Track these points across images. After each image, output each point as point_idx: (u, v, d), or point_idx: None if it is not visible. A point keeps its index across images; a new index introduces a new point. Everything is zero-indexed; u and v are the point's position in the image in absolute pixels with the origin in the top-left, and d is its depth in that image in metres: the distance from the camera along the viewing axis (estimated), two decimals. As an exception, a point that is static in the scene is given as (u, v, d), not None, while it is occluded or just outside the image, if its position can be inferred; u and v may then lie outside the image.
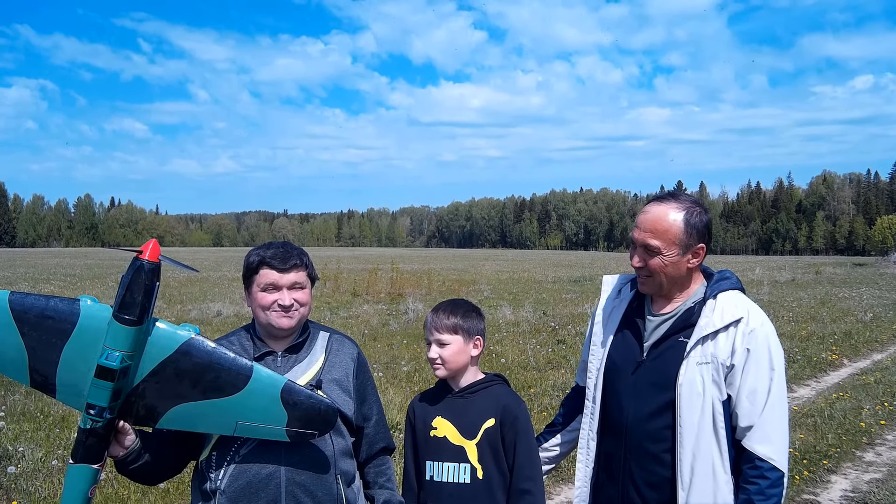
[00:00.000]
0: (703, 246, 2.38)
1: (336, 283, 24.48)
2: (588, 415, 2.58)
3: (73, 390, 2.07)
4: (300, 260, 2.37)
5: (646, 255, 2.37)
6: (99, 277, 31.23)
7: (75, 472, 2.12)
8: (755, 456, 2.29)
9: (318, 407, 2.17)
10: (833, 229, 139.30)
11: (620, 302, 2.58)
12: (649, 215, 2.37)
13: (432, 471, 2.55)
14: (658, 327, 2.44)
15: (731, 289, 2.41)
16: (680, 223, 2.34)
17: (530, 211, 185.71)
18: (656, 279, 2.39)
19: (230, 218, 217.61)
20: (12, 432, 6.75)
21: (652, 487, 2.39)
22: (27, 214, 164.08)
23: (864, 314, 17.96)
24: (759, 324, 2.34)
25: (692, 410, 2.31)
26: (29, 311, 2.01)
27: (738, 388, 2.31)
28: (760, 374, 2.30)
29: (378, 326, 15.09)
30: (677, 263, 2.36)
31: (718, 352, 2.31)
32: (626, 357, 2.47)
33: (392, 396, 8.02)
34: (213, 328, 13.95)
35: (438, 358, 2.57)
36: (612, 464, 2.48)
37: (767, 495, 2.27)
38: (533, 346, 12.20)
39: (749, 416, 2.30)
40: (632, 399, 2.43)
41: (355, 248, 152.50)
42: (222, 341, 2.42)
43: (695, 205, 2.39)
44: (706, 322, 2.34)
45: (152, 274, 1.98)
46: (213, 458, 2.27)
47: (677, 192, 2.45)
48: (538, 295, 23.88)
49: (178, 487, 5.30)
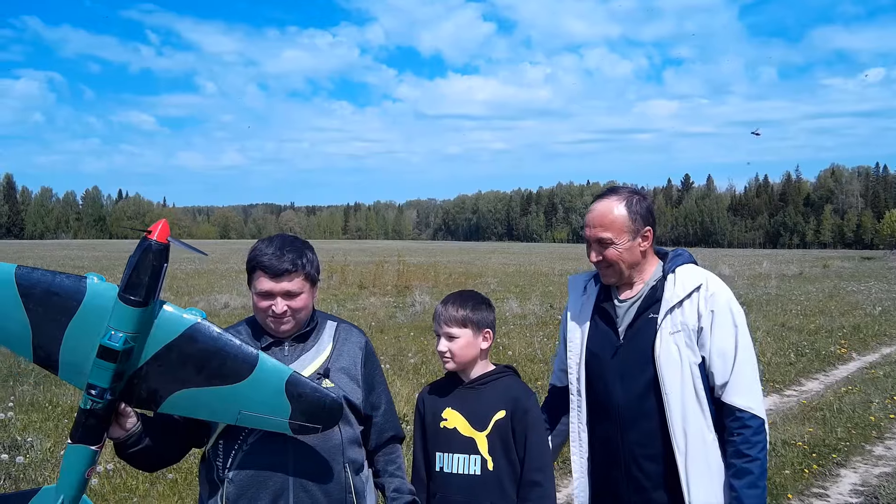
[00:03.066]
0: (650, 228, 2.55)
1: (343, 275, 24.52)
2: (575, 409, 2.69)
3: (75, 369, 2.05)
4: (294, 265, 2.25)
5: (601, 248, 2.54)
6: (107, 269, 31.33)
7: (73, 453, 2.10)
8: (735, 408, 2.43)
9: (323, 401, 2.14)
10: (841, 223, 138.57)
11: (588, 298, 2.71)
12: (596, 212, 2.55)
13: (442, 462, 2.53)
14: (628, 311, 2.59)
15: (685, 263, 2.58)
16: (624, 212, 2.52)
17: (537, 204, 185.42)
18: (616, 268, 2.55)
19: (237, 210, 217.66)
20: (21, 422, 6.78)
21: (652, 460, 2.50)
22: (35, 206, 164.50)
23: (872, 308, 17.90)
24: (718, 288, 2.51)
25: (673, 378, 2.45)
26: (35, 287, 1.99)
27: (709, 349, 2.46)
28: (726, 333, 2.46)
29: (385, 319, 15.13)
30: (631, 249, 2.53)
31: (686, 318, 2.47)
32: (604, 344, 2.60)
33: (399, 388, 8.03)
34: (221, 320, 13.98)
35: (448, 351, 2.56)
36: (609, 447, 2.57)
37: (753, 442, 2.40)
38: (540, 339, 12.20)
39: (723, 373, 2.45)
40: (618, 381, 2.54)
41: (362, 241, 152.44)
42: (229, 331, 2.40)
43: (633, 194, 2.58)
44: (670, 294, 2.51)
45: (160, 255, 1.94)
46: (220, 446, 2.26)
47: (616, 186, 2.66)
48: (545, 288, 23.86)
49: (187, 478, 5.32)
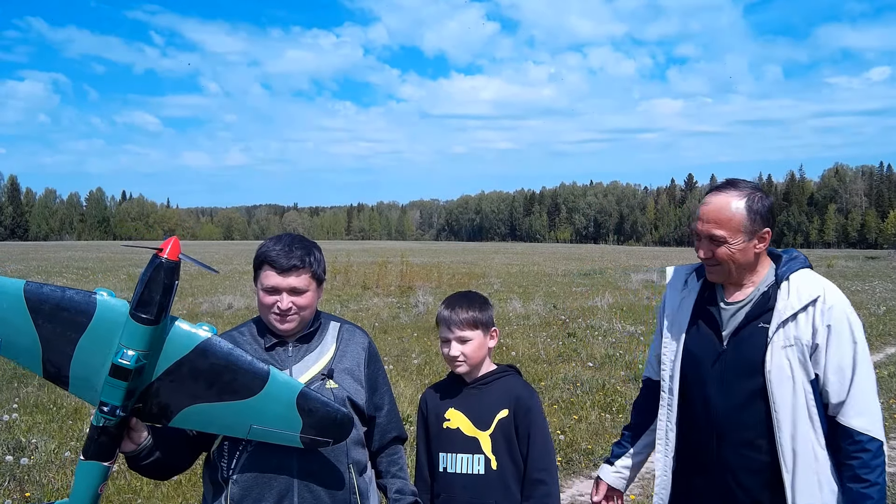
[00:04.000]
0: (769, 230, 2.37)
1: (346, 276, 24.53)
2: (665, 406, 2.56)
3: (85, 384, 2.05)
4: (302, 262, 2.27)
5: (712, 245, 2.36)
6: (111, 270, 31.40)
7: (86, 469, 2.10)
8: (853, 430, 2.28)
9: (333, 415, 2.15)
10: (845, 222, 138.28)
11: (689, 292, 2.55)
12: (711, 206, 2.35)
13: (445, 462, 2.54)
14: (734, 315, 2.42)
15: (801, 268, 2.39)
16: (742, 210, 2.32)
17: (540, 204, 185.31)
18: (724, 267, 2.38)
19: (240, 211, 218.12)
20: (25, 424, 6.80)
21: (752, 473, 2.37)
22: (39, 208, 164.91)
23: (876, 307, 17.83)
24: (837, 300, 2.33)
25: (784, 395, 2.30)
26: (44, 303, 1.98)
27: (824, 366, 2.30)
28: (844, 349, 2.29)
29: (388, 319, 15.12)
30: (744, 250, 2.35)
31: (801, 333, 2.31)
32: (705, 348, 2.45)
33: (403, 389, 8.03)
34: (225, 321, 14.00)
35: (461, 355, 2.54)
36: (701, 455, 2.45)
37: (872, 466, 2.27)
38: (543, 340, 12.19)
39: (839, 392, 2.29)
40: (718, 389, 2.40)
41: (365, 242, 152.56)
42: (233, 332, 2.42)
43: (755, 190, 2.37)
44: (784, 305, 2.33)
45: (172, 273, 1.94)
46: (224, 447, 2.26)
47: (736, 179, 2.41)
48: (548, 288, 23.85)
49: (191, 479, 5.32)
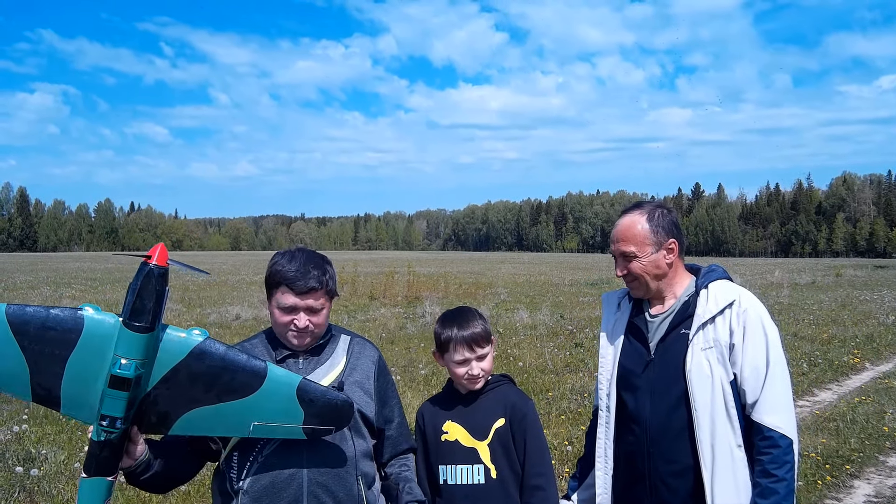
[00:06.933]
0: (675, 241, 2.57)
1: (353, 286, 24.55)
2: (603, 424, 2.68)
3: (78, 403, 2.03)
4: (319, 282, 2.31)
5: (625, 262, 2.58)
6: (119, 281, 31.52)
7: (89, 486, 2.07)
8: (764, 427, 2.40)
9: (333, 402, 2.18)
10: (853, 231, 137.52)
11: (622, 314, 2.72)
12: (620, 227, 2.60)
13: (446, 475, 2.56)
14: (660, 325, 2.59)
15: (719, 279, 2.58)
16: (646, 224, 2.55)
17: (546, 214, 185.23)
18: (642, 281, 2.57)
19: (248, 222, 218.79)
20: (35, 435, 6.84)
21: (677, 476, 2.48)
22: (48, 219, 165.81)
23: (885, 317, 17.74)
24: (751, 304, 2.49)
25: (703, 393, 2.43)
26: (29, 324, 1.95)
27: (741, 365, 2.44)
28: (758, 349, 2.44)
29: (395, 330, 15.12)
30: (655, 261, 2.55)
31: (719, 335, 2.46)
32: (636, 359, 2.60)
33: (410, 400, 8.03)
34: (232, 332, 14.05)
35: (482, 372, 2.58)
36: (635, 462, 2.56)
37: (781, 462, 2.36)
38: (550, 350, 12.17)
39: (753, 390, 2.42)
40: (647, 396, 2.54)
41: (372, 252, 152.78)
42: (244, 344, 2.44)
43: (657, 207, 2.61)
44: (703, 310, 2.50)
45: (162, 279, 1.96)
46: (234, 458, 2.28)
47: (642, 201, 2.70)
48: (555, 298, 23.81)
49: (199, 490, 5.34)
